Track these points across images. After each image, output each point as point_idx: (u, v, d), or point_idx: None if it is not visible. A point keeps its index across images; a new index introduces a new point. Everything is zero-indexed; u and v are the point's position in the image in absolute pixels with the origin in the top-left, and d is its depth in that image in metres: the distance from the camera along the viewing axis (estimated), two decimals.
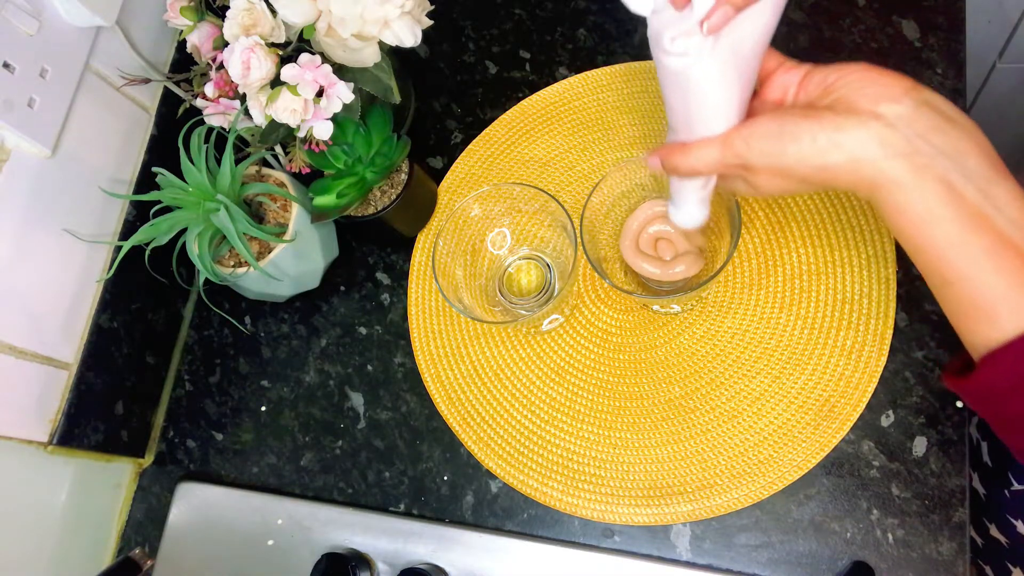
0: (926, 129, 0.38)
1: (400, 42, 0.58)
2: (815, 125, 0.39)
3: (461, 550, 0.63)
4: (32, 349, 0.62)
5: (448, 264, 0.64)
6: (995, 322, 0.37)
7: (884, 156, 0.38)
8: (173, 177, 0.62)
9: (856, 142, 0.38)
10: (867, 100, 0.39)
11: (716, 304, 0.65)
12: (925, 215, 0.38)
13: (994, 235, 0.37)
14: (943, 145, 0.38)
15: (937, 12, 0.70)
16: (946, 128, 0.38)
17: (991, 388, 0.39)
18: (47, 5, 0.60)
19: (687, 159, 0.44)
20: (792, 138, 0.40)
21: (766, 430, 0.61)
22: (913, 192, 0.38)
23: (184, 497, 0.70)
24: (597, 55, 0.77)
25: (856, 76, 0.41)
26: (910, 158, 0.38)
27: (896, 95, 0.39)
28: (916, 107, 0.38)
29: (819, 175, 0.40)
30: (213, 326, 0.77)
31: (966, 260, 0.37)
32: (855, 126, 0.38)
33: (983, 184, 0.38)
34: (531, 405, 0.66)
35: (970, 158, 0.38)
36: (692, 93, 0.42)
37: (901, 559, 0.57)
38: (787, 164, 0.41)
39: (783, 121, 0.41)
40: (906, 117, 0.38)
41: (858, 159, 0.38)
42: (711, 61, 0.40)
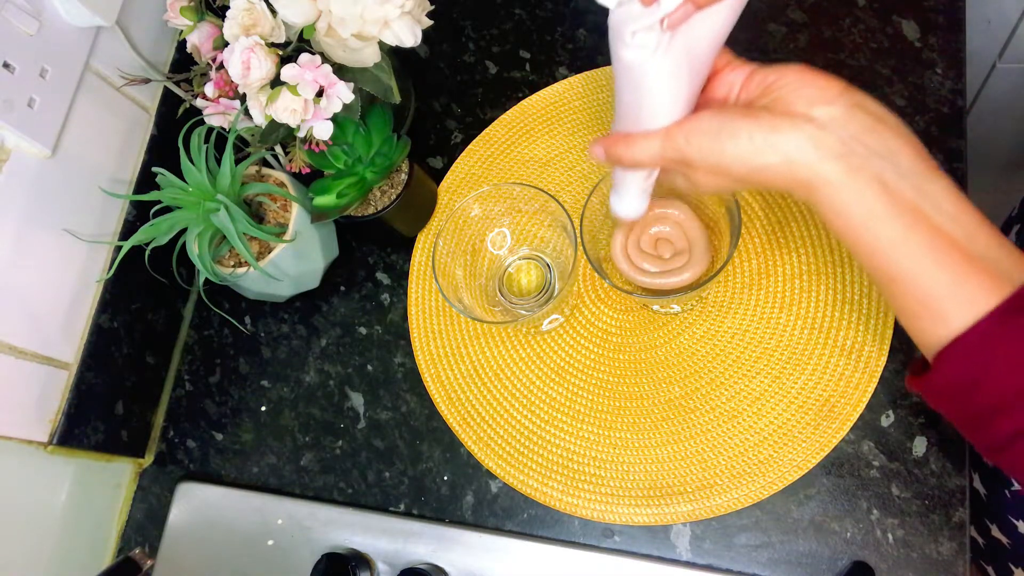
0: (859, 130, 0.38)
1: (400, 42, 0.58)
2: (752, 124, 0.40)
3: (461, 550, 0.63)
4: (32, 349, 0.62)
5: (448, 264, 0.64)
6: (943, 318, 0.38)
7: (819, 158, 0.38)
8: (173, 177, 0.62)
9: (791, 143, 0.39)
10: (802, 102, 0.39)
11: (716, 304, 0.65)
12: (864, 215, 0.38)
13: (932, 231, 0.37)
14: (876, 145, 0.38)
15: (937, 12, 0.70)
16: (878, 128, 0.39)
17: (946, 386, 0.39)
18: (47, 5, 0.60)
19: (629, 150, 0.44)
20: (730, 136, 0.40)
21: (766, 430, 0.61)
22: (850, 193, 0.38)
23: (184, 497, 0.70)
24: (597, 55, 0.77)
25: (792, 78, 0.41)
26: (845, 159, 0.38)
27: (829, 97, 0.39)
28: (848, 109, 0.39)
29: (755, 175, 0.40)
30: (213, 326, 0.77)
31: (908, 257, 0.38)
32: (790, 128, 0.39)
33: (918, 181, 0.38)
34: (531, 405, 0.66)
35: (903, 156, 0.38)
36: (644, 88, 0.42)
37: (901, 559, 0.57)
38: (724, 162, 0.41)
39: (723, 119, 0.41)
40: (839, 119, 0.39)
41: (793, 160, 0.39)
42: (666, 57, 0.40)
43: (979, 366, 0.37)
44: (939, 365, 0.38)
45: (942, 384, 0.39)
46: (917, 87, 0.68)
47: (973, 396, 0.38)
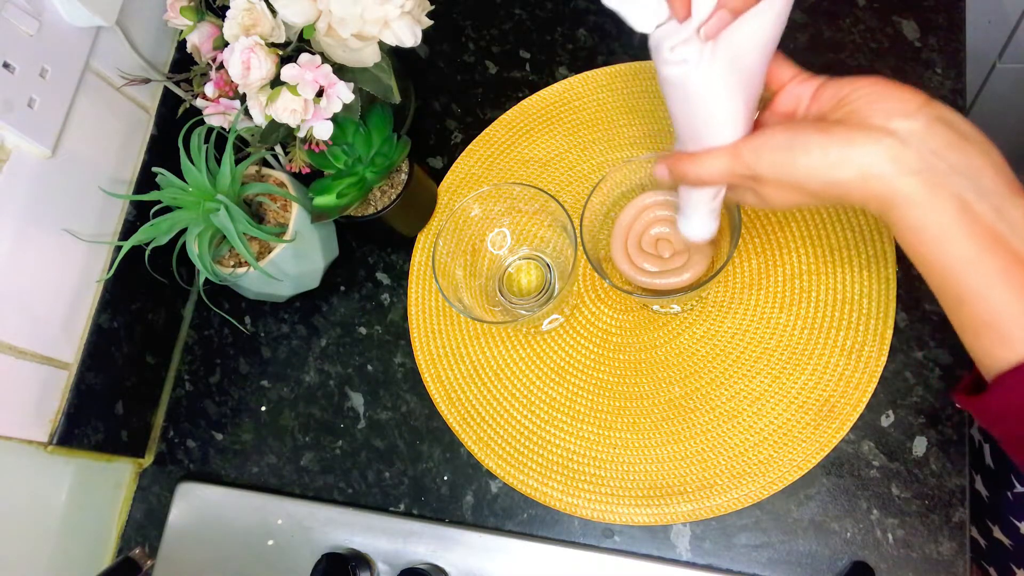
0: (940, 146, 0.37)
1: (400, 42, 0.58)
2: (826, 139, 0.39)
3: (461, 550, 0.63)
4: (32, 349, 0.62)
5: (448, 264, 0.64)
6: (1008, 342, 0.37)
7: (897, 173, 0.37)
8: (173, 177, 0.62)
9: (868, 158, 0.38)
10: (880, 115, 0.38)
11: (716, 304, 0.65)
12: (939, 233, 0.37)
13: (1009, 254, 0.37)
14: (957, 162, 0.37)
15: (937, 12, 0.70)
16: (960, 145, 0.38)
17: (1003, 409, 0.38)
18: (47, 5, 0.60)
19: (695, 168, 0.44)
20: (803, 151, 0.39)
21: (766, 430, 0.61)
22: (927, 209, 0.37)
23: (184, 497, 0.70)
24: (597, 55, 0.77)
25: (869, 90, 0.40)
26: (923, 175, 0.37)
27: (910, 110, 0.38)
28: (930, 123, 0.38)
29: (829, 190, 0.40)
30: (213, 326, 0.77)
31: (980, 279, 0.37)
32: (867, 141, 0.38)
33: (998, 202, 0.37)
34: (531, 405, 0.66)
35: (985, 176, 0.37)
36: (694, 102, 0.41)
37: (901, 559, 0.57)
38: (797, 177, 0.40)
39: (794, 133, 0.40)
40: (919, 133, 0.38)
41: (869, 175, 0.38)
42: (710, 68, 0.40)
43: None
44: (997, 388, 0.38)
45: (998, 406, 0.39)
46: (917, 87, 0.67)
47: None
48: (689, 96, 0.41)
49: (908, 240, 0.39)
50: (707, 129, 0.43)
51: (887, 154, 0.37)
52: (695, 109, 0.42)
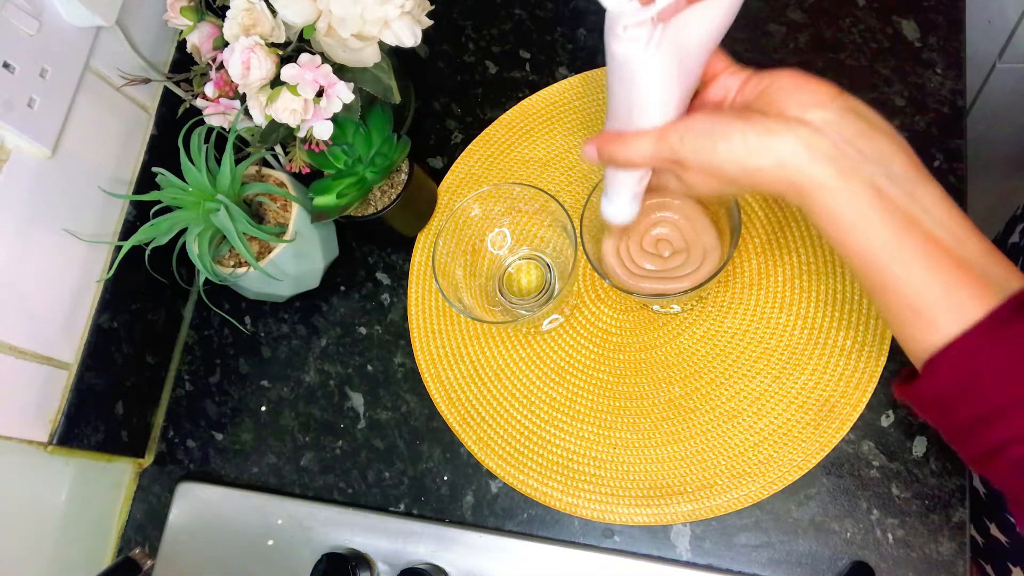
0: (852, 134, 0.38)
1: (400, 42, 0.58)
2: (746, 126, 0.40)
3: (461, 550, 0.63)
4: (32, 349, 0.62)
5: (448, 264, 0.64)
6: (933, 326, 0.37)
7: (812, 160, 0.38)
8: (173, 177, 0.62)
9: (784, 146, 0.39)
10: (795, 106, 0.40)
11: (716, 304, 0.65)
12: (856, 219, 0.38)
13: (924, 236, 0.37)
14: (869, 150, 0.38)
15: (937, 12, 0.70)
16: (871, 133, 0.39)
17: (936, 395, 0.39)
18: (47, 5, 0.60)
19: (623, 149, 0.44)
20: (723, 137, 0.40)
21: (766, 430, 0.61)
22: (842, 196, 0.38)
23: (184, 497, 0.70)
24: (597, 55, 0.77)
25: (786, 82, 0.41)
26: (837, 162, 0.38)
27: (823, 101, 0.39)
28: (842, 113, 0.39)
29: (748, 177, 0.40)
30: (213, 326, 0.77)
31: (899, 263, 0.38)
32: (783, 130, 0.39)
33: (909, 187, 0.38)
34: (531, 405, 0.66)
35: (895, 162, 0.39)
36: (636, 83, 0.42)
37: (901, 559, 0.57)
38: (717, 163, 0.41)
39: (716, 120, 0.41)
40: (833, 123, 0.39)
41: (785, 163, 0.39)
42: (658, 53, 0.41)
43: (968, 375, 0.37)
44: (928, 373, 0.38)
45: (930, 393, 0.39)
46: (917, 87, 0.68)
47: (961, 405, 0.38)
48: (632, 77, 0.42)
49: (827, 228, 0.39)
50: (640, 111, 0.43)
51: (802, 142, 0.38)
52: (635, 91, 0.43)
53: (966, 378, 0.37)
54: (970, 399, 0.37)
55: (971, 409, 0.37)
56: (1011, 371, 0.36)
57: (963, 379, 0.37)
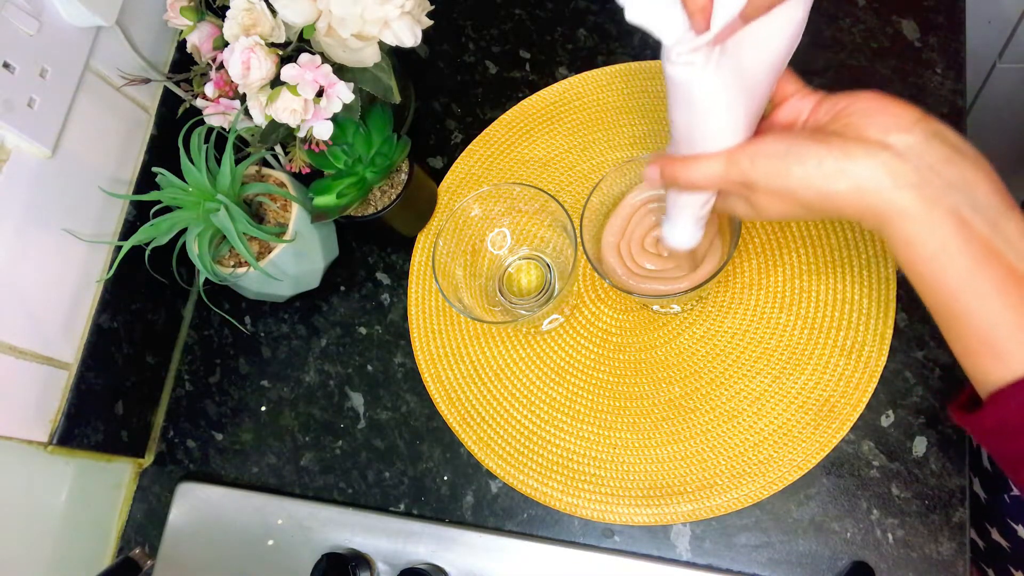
0: (936, 160, 0.37)
1: (400, 42, 0.58)
2: (823, 149, 0.39)
3: (461, 550, 0.63)
4: (32, 349, 0.62)
5: (448, 264, 0.64)
6: (1003, 359, 0.37)
7: (894, 186, 0.37)
8: (173, 177, 0.62)
9: (864, 170, 0.37)
10: (877, 129, 0.38)
11: (716, 304, 0.65)
12: (935, 248, 0.37)
13: (1004, 270, 0.36)
14: (953, 177, 0.37)
15: (937, 12, 0.70)
16: (956, 159, 0.37)
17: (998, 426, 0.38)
18: (47, 5, 0.60)
19: (688, 171, 0.43)
20: (798, 160, 0.39)
21: (766, 430, 0.61)
22: (923, 224, 0.37)
23: (184, 497, 0.70)
24: (597, 55, 0.77)
25: (866, 104, 0.40)
26: (920, 189, 0.37)
27: (906, 125, 0.38)
28: (927, 138, 0.38)
29: (823, 202, 0.39)
30: (213, 326, 0.77)
31: (976, 295, 0.37)
32: (864, 155, 0.37)
33: (993, 217, 0.37)
34: (531, 405, 0.66)
35: (979, 190, 0.37)
36: (695, 105, 0.41)
37: (901, 559, 0.57)
38: (791, 187, 0.40)
39: (791, 142, 0.40)
40: (916, 148, 0.37)
41: (864, 188, 0.37)
42: (715, 74, 0.40)
43: None
44: (992, 405, 0.38)
45: (993, 424, 0.38)
46: (917, 87, 0.68)
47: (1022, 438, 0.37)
48: (691, 99, 0.41)
49: (905, 256, 0.38)
50: (704, 134, 0.42)
51: (884, 168, 0.37)
52: (696, 114, 0.42)
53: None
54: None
55: None
56: None
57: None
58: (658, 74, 0.73)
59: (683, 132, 0.43)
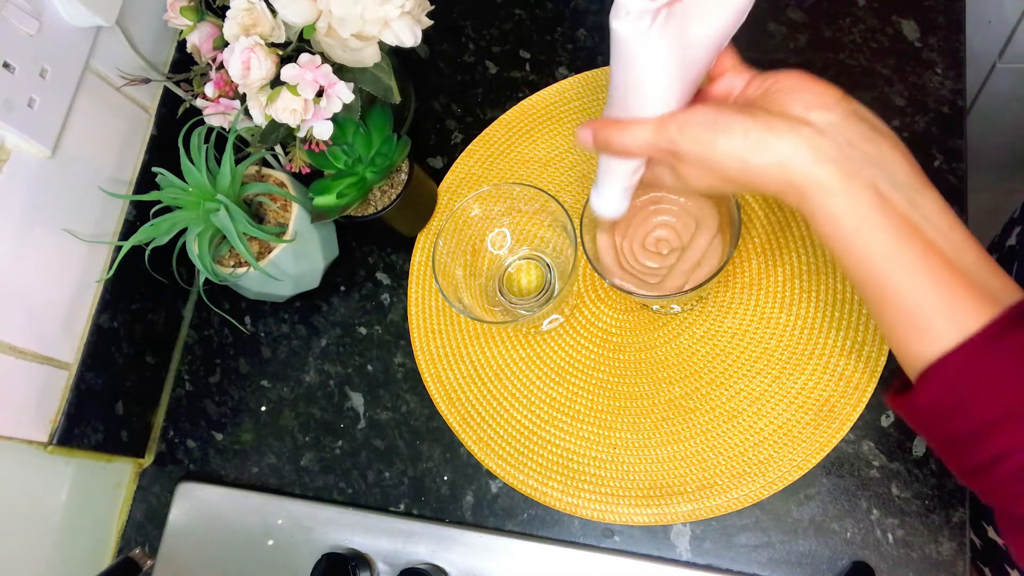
0: (856, 137, 0.38)
1: (400, 42, 0.58)
2: (749, 121, 0.39)
3: (461, 550, 0.63)
4: (32, 349, 0.62)
5: (448, 264, 0.64)
6: (930, 336, 0.37)
7: (814, 161, 0.38)
8: (173, 177, 0.62)
9: (786, 145, 0.38)
10: (800, 106, 0.39)
11: (716, 304, 0.65)
12: (857, 223, 0.37)
13: (925, 244, 0.37)
14: (872, 153, 0.38)
15: (937, 12, 0.70)
16: (874, 137, 0.39)
17: (930, 406, 0.38)
18: (47, 5, 0.60)
19: (620, 136, 0.44)
20: (725, 130, 0.40)
21: (766, 430, 0.61)
22: (843, 197, 0.37)
23: (184, 497, 0.70)
24: (597, 55, 0.77)
25: (790, 82, 0.41)
26: (840, 164, 0.38)
27: (827, 103, 0.39)
28: (846, 116, 0.39)
29: (746, 175, 0.40)
30: (213, 326, 0.77)
31: (900, 270, 0.37)
32: (786, 130, 0.38)
33: (910, 193, 0.38)
34: (531, 405, 0.66)
35: (897, 167, 0.38)
36: (633, 66, 0.42)
37: (901, 559, 0.57)
38: (716, 157, 0.40)
39: (719, 112, 0.40)
40: (836, 124, 0.38)
41: (787, 162, 0.38)
42: (659, 39, 0.40)
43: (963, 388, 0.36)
44: (923, 385, 0.38)
45: (925, 404, 0.38)
46: (917, 87, 0.68)
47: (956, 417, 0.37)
48: (631, 60, 0.41)
49: (826, 231, 0.39)
50: (637, 97, 0.43)
51: (805, 143, 0.38)
52: (631, 73, 0.42)
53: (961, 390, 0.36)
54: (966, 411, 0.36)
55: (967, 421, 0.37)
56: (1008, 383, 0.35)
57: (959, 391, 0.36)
58: None
59: (620, 94, 0.44)
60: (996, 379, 0.35)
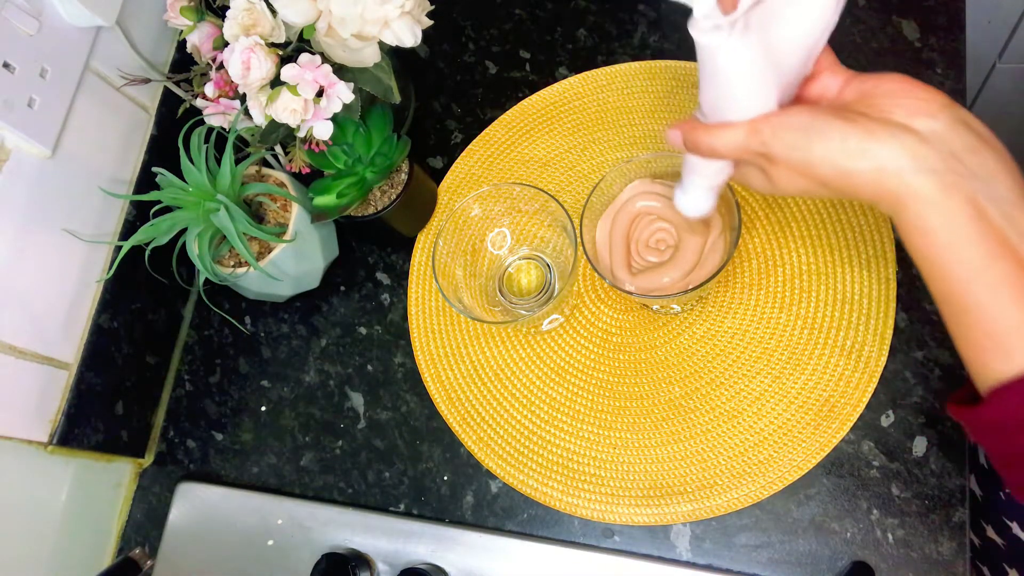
0: (960, 148, 0.37)
1: (400, 42, 0.58)
2: (847, 127, 0.38)
3: (461, 550, 0.63)
4: (32, 349, 0.62)
5: (448, 264, 0.64)
6: (1007, 354, 0.36)
7: (915, 170, 0.36)
8: (173, 177, 0.62)
9: (886, 152, 0.37)
10: (903, 112, 0.38)
11: (716, 304, 0.65)
12: (950, 236, 0.36)
13: (1016, 264, 0.36)
14: (975, 166, 0.37)
15: (937, 12, 0.70)
16: (980, 148, 0.37)
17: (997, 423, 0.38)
18: (47, 5, 0.60)
19: (709, 138, 0.42)
20: (821, 135, 0.38)
21: (766, 430, 0.61)
22: (939, 210, 0.36)
23: (184, 497, 0.70)
24: (597, 55, 0.77)
25: (893, 86, 0.39)
26: (940, 175, 0.36)
27: (933, 110, 0.38)
28: (952, 125, 0.37)
29: (841, 180, 0.39)
30: (213, 326, 0.77)
31: (986, 287, 0.36)
32: (887, 136, 0.37)
33: (1009, 209, 0.36)
34: (531, 405, 0.66)
35: (999, 181, 0.37)
36: (719, 75, 0.41)
37: (901, 559, 0.57)
38: (811, 161, 0.39)
39: (815, 116, 0.39)
40: (941, 133, 0.37)
41: (885, 170, 0.37)
42: (742, 44, 0.39)
43: None
44: (992, 401, 0.37)
45: (991, 420, 0.38)
46: None
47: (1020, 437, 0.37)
48: (715, 67, 0.40)
49: (917, 242, 0.38)
50: (729, 103, 0.42)
51: (906, 151, 0.36)
52: (719, 81, 0.41)
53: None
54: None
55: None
56: None
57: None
58: (658, 74, 0.73)
59: (709, 100, 0.43)
60: None
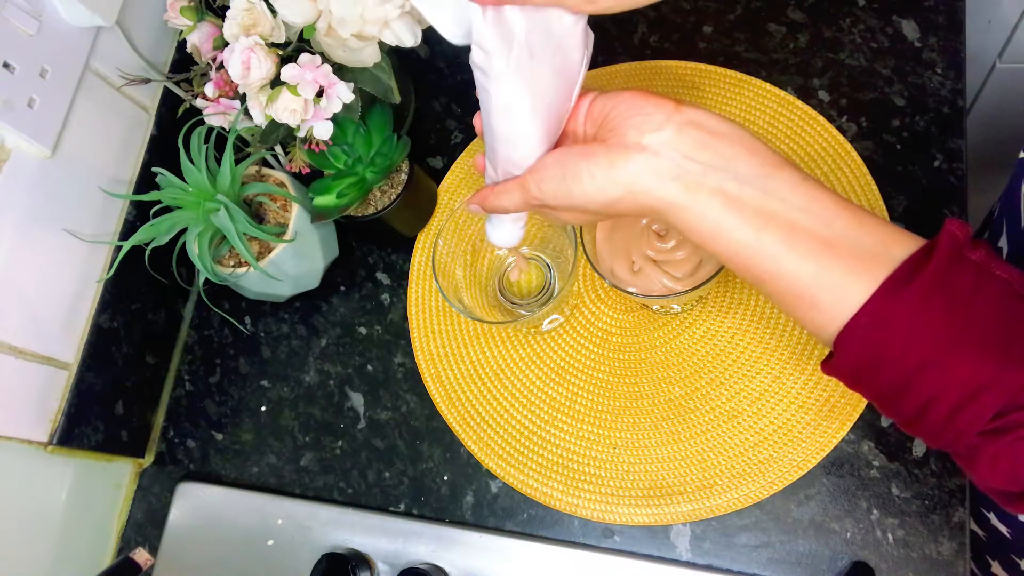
0: (691, 148, 0.40)
1: (400, 42, 0.59)
2: (591, 164, 0.41)
3: (461, 550, 0.63)
4: (32, 349, 0.62)
5: (448, 264, 0.64)
6: (820, 308, 0.38)
7: (657, 183, 0.39)
8: (173, 177, 0.62)
9: (628, 176, 0.40)
10: (635, 131, 0.41)
11: (716, 304, 0.65)
12: (713, 228, 0.39)
13: (785, 226, 0.38)
14: (710, 159, 0.39)
15: (937, 12, 0.70)
16: (709, 141, 0.40)
17: (853, 369, 0.39)
18: (47, 5, 0.60)
19: (497, 201, 0.47)
20: (574, 179, 0.42)
21: (766, 430, 0.61)
22: (692, 210, 0.39)
23: (184, 497, 0.70)
24: (597, 55, 0.77)
25: (623, 106, 0.42)
26: (681, 180, 0.39)
27: (659, 123, 0.40)
28: (679, 129, 0.40)
29: (608, 208, 0.42)
30: (213, 326, 0.77)
31: (766, 258, 0.39)
32: (624, 161, 0.40)
33: (759, 183, 0.39)
34: (531, 405, 0.66)
35: (741, 162, 0.39)
36: (490, 110, 0.43)
37: (901, 559, 0.57)
38: (575, 203, 0.43)
39: (564, 162, 0.42)
40: (670, 142, 0.40)
41: (635, 191, 0.40)
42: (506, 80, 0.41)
43: (875, 347, 0.37)
44: (840, 351, 0.39)
45: (847, 369, 0.40)
46: (917, 87, 0.68)
47: (877, 376, 0.38)
48: (485, 102, 0.43)
49: (695, 240, 0.41)
50: (500, 141, 0.44)
51: (646, 168, 0.40)
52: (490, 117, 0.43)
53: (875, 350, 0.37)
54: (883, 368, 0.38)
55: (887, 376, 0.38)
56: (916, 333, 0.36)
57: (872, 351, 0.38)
58: (659, 74, 0.73)
59: (487, 136, 0.45)
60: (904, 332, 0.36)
